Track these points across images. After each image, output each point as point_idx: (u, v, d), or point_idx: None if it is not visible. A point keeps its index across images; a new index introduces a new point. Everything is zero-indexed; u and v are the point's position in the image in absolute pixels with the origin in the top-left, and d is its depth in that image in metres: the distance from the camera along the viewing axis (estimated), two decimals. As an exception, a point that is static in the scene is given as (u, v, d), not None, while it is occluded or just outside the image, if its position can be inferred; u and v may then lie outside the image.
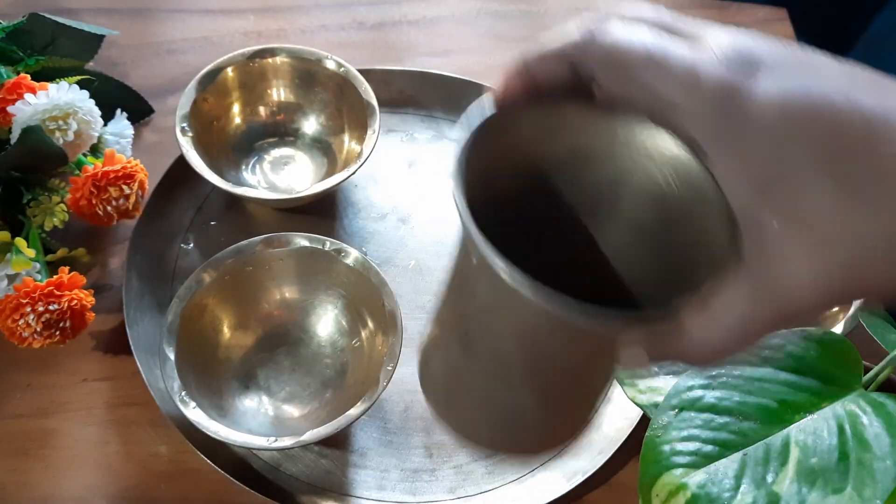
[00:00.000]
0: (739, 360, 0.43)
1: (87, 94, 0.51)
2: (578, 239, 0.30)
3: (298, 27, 0.69)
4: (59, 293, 0.46)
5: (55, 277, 0.47)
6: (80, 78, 0.54)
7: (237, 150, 0.59)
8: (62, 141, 0.50)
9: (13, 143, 0.49)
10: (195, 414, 0.44)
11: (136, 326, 0.51)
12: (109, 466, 0.48)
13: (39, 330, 0.46)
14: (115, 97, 0.58)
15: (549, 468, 0.50)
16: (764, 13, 0.76)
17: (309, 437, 0.43)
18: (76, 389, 0.50)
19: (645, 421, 0.48)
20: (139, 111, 0.61)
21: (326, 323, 0.51)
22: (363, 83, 0.58)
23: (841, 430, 0.40)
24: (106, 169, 0.49)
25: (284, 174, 0.59)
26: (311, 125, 0.60)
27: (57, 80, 0.51)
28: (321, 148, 0.60)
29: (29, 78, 0.50)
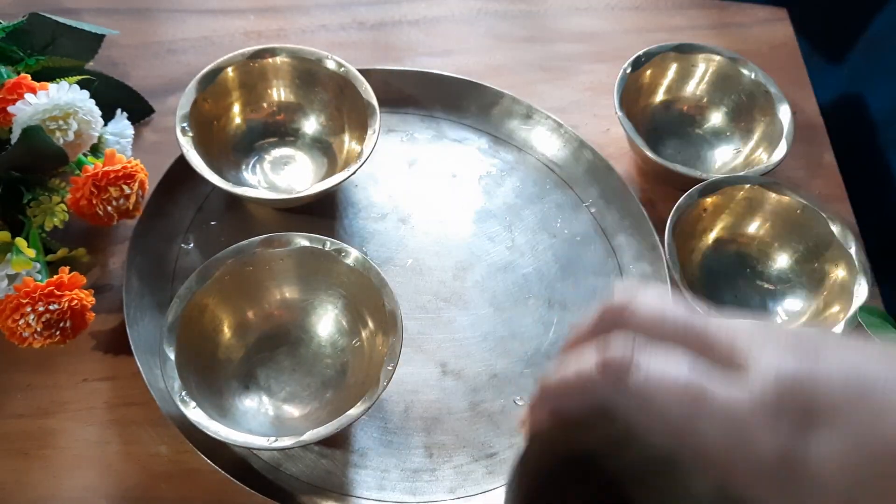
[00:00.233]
0: None
1: (87, 94, 0.51)
2: None
3: (298, 27, 0.69)
4: (59, 293, 0.46)
5: (55, 277, 0.47)
6: (80, 78, 0.54)
7: (237, 150, 0.59)
8: (62, 141, 0.50)
9: (13, 143, 0.49)
10: (195, 414, 0.44)
11: (136, 326, 0.51)
12: (109, 466, 0.48)
13: (40, 330, 0.46)
14: (115, 97, 0.58)
15: (549, 468, 0.50)
16: (764, 13, 0.76)
17: (309, 437, 0.43)
18: (76, 389, 0.50)
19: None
20: (139, 111, 0.61)
21: (327, 323, 0.51)
22: (363, 83, 0.58)
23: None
24: (106, 169, 0.49)
25: (284, 174, 0.59)
26: (311, 125, 0.60)
27: (57, 80, 0.51)
28: (321, 148, 0.60)
29: (29, 78, 0.50)
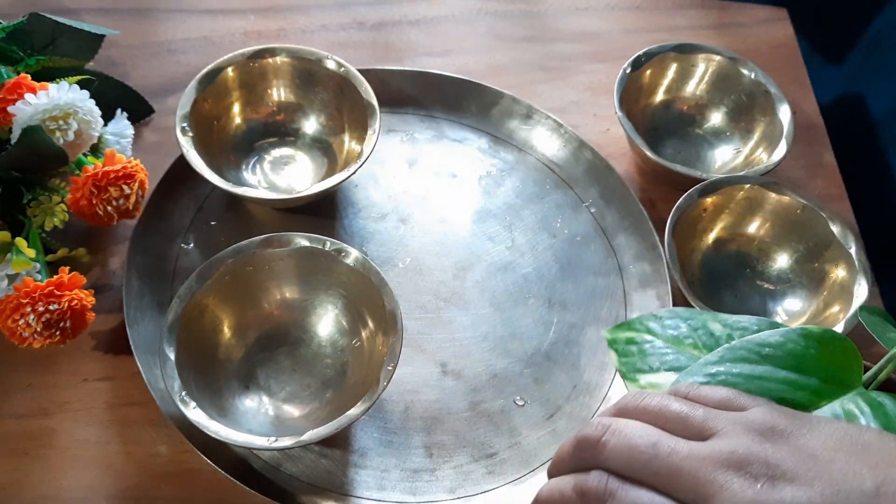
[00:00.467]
0: (739, 357, 0.42)
1: (87, 94, 0.51)
2: None
3: (299, 27, 0.69)
4: (59, 293, 0.46)
5: (55, 277, 0.47)
6: (80, 78, 0.54)
7: (237, 149, 0.59)
8: (62, 141, 0.50)
9: (13, 143, 0.49)
10: (195, 414, 0.44)
11: (136, 326, 0.51)
12: (109, 466, 0.48)
13: (40, 330, 0.46)
14: (115, 97, 0.58)
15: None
16: (764, 13, 0.76)
17: (309, 437, 0.43)
18: (76, 389, 0.50)
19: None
20: (139, 111, 0.61)
21: (327, 323, 0.51)
22: (363, 83, 0.58)
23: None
24: (106, 169, 0.49)
25: (284, 174, 0.59)
26: (311, 125, 0.60)
27: (57, 80, 0.51)
28: (321, 148, 0.60)
29: (29, 78, 0.50)
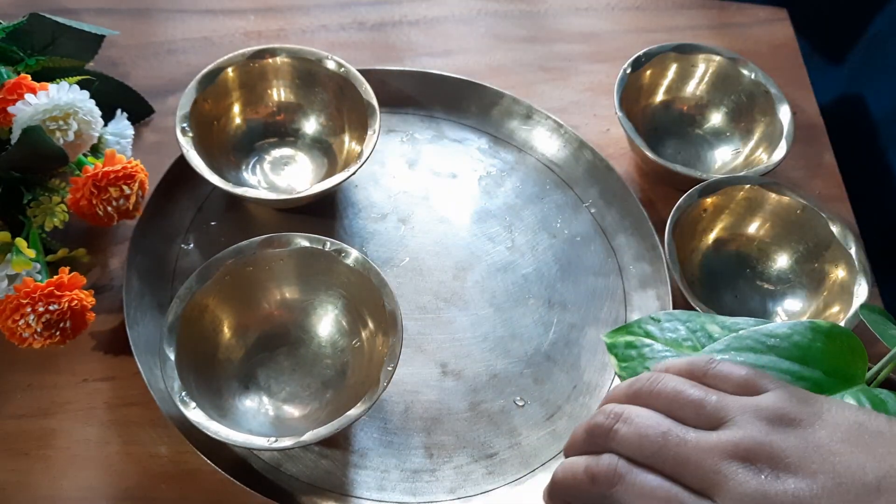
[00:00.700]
0: (745, 346, 0.42)
1: (87, 94, 0.51)
2: None
3: (299, 27, 0.69)
4: (59, 293, 0.46)
5: (55, 278, 0.47)
6: (80, 78, 0.54)
7: (237, 150, 0.59)
8: (62, 141, 0.50)
9: (13, 143, 0.49)
10: (195, 414, 0.44)
11: (136, 326, 0.51)
12: (109, 466, 0.48)
13: (39, 330, 0.46)
14: (115, 97, 0.58)
15: (549, 468, 0.50)
16: (764, 13, 0.76)
17: (309, 437, 0.43)
18: (76, 389, 0.50)
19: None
20: (139, 111, 0.61)
21: (327, 323, 0.51)
22: (363, 83, 0.58)
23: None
24: (106, 169, 0.49)
25: (284, 174, 0.59)
26: (311, 125, 0.60)
27: (57, 80, 0.51)
28: (321, 148, 0.60)
29: (29, 78, 0.50)
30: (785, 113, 0.62)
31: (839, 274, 0.55)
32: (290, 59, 0.59)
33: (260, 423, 0.47)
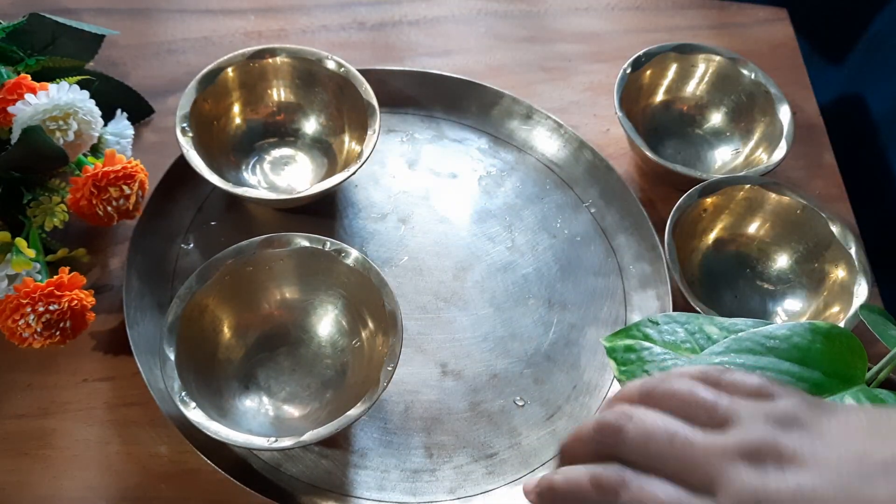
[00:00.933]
0: (744, 348, 0.43)
1: (87, 94, 0.51)
2: None
3: (299, 27, 0.69)
4: (59, 293, 0.46)
5: (55, 278, 0.47)
6: (80, 78, 0.54)
7: (237, 150, 0.59)
8: (62, 141, 0.50)
9: (13, 143, 0.49)
10: (195, 414, 0.44)
11: (136, 326, 0.51)
12: (109, 466, 0.48)
13: (39, 330, 0.46)
14: (115, 97, 0.58)
15: (549, 468, 0.50)
16: (764, 13, 0.76)
17: (309, 437, 0.43)
18: (76, 389, 0.50)
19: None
20: (139, 111, 0.61)
21: (327, 323, 0.51)
22: (363, 83, 0.58)
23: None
24: (106, 169, 0.49)
25: (284, 174, 0.59)
26: (311, 125, 0.60)
27: (57, 80, 0.51)
28: (321, 148, 0.60)
29: (29, 78, 0.50)
30: (785, 113, 0.62)
31: (839, 274, 0.55)
32: (290, 59, 0.59)
33: (260, 423, 0.48)
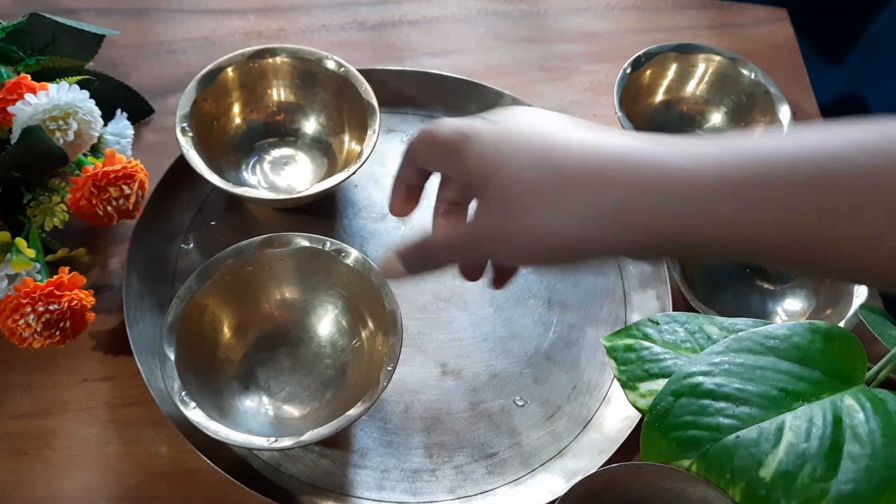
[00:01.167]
0: (744, 347, 0.43)
1: (87, 94, 0.51)
2: None
3: (299, 27, 0.69)
4: (59, 293, 0.46)
5: (55, 277, 0.47)
6: (80, 78, 0.54)
7: (237, 150, 0.59)
8: (62, 141, 0.50)
9: (13, 143, 0.49)
10: (195, 414, 0.44)
11: (136, 326, 0.51)
12: (109, 466, 0.48)
13: (39, 330, 0.46)
14: (115, 97, 0.58)
15: (549, 468, 0.50)
16: (764, 13, 0.76)
17: (309, 437, 0.43)
18: (76, 389, 0.50)
19: (645, 421, 0.48)
20: (139, 111, 0.61)
21: (327, 323, 0.51)
22: (363, 83, 0.58)
23: (837, 421, 0.40)
24: (106, 169, 0.49)
25: (284, 174, 0.59)
26: (311, 125, 0.60)
27: (57, 80, 0.51)
28: (321, 148, 0.60)
29: (29, 78, 0.50)
30: (785, 113, 0.62)
31: (839, 274, 0.55)
32: (289, 59, 0.59)
33: (260, 423, 0.48)
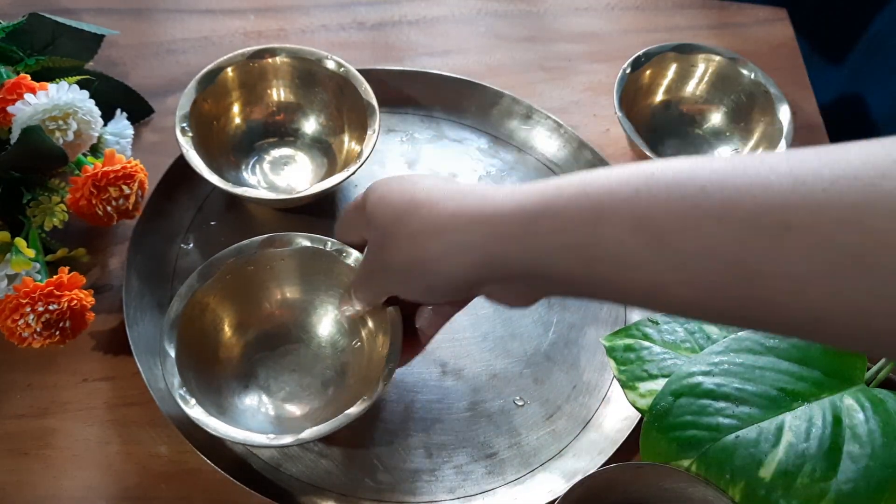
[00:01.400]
0: (744, 347, 0.43)
1: (87, 94, 0.51)
2: None
3: (298, 27, 0.69)
4: (58, 293, 0.46)
5: (55, 277, 0.47)
6: (80, 78, 0.54)
7: (237, 150, 0.59)
8: (62, 141, 0.50)
9: (13, 143, 0.49)
10: (195, 411, 0.44)
11: (136, 326, 0.51)
12: (109, 466, 0.48)
13: (39, 330, 0.46)
14: (115, 97, 0.58)
15: (549, 468, 0.50)
16: (764, 13, 0.76)
17: (308, 434, 0.43)
18: (76, 389, 0.50)
19: (645, 421, 0.48)
20: (139, 111, 0.61)
21: (327, 323, 0.51)
22: (363, 83, 0.58)
23: (837, 421, 0.40)
24: (106, 169, 0.49)
25: (284, 174, 0.59)
26: (311, 125, 0.60)
27: (57, 80, 0.51)
28: (321, 148, 0.60)
29: (29, 78, 0.50)
30: (785, 113, 0.62)
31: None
32: (289, 59, 0.59)
33: (259, 422, 0.47)
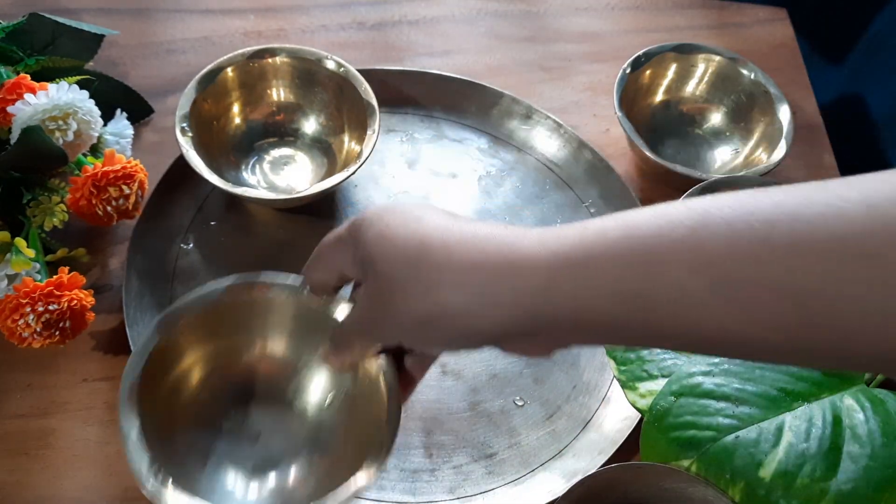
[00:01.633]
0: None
1: (87, 94, 0.51)
2: None
3: (298, 27, 0.69)
4: (58, 293, 0.46)
5: (55, 277, 0.47)
6: (80, 78, 0.54)
7: (237, 150, 0.59)
8: (62, 141, 0.50)
9: (13, 143, 0.49)
10: (176, 498, 0.36)
11: (136, 326, 0.51)
12: (109, 466, 0.48)
13: (39, 330, 0.46)
14: (115, 97, 0.58)
15: (548, 468, 0.50)
16: (764, 13, 0.76)
17: None
18: (76, 389, 0.50)
19: (645, 421, 0.48)
20: (139, 111, 0.61)
21: (309, 376, 0.44)
22: (363, 83, 0.58)
23: (837, 421, 0.40)
24: (106, 169, 0.49)
25: (284, 174, 0.59)
26: (311, 125, 0.60)
27: (57, 80, 0.51)
28: (321, 148, 0.60)
29: (29, 78, 0.50)
30: (785, 113, 0.62)
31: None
32: (289, 59, 0.59)
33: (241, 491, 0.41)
